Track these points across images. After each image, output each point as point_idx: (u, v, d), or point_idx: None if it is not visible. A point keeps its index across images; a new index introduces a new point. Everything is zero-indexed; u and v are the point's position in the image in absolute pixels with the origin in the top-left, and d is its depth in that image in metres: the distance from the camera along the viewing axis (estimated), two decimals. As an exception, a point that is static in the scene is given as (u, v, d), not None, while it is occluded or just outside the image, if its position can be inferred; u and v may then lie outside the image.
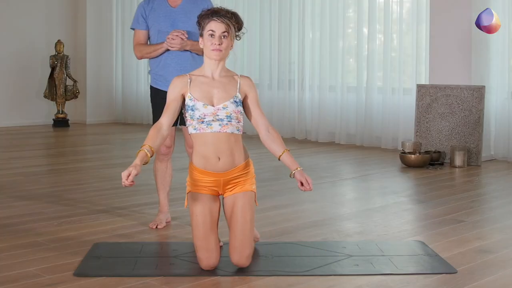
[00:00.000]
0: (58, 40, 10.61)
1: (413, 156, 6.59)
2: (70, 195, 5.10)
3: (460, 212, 4.52)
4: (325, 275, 3.15)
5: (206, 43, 3.19)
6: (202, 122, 3.17)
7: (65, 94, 10.62)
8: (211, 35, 3.16)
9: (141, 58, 4.20)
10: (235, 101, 3.20)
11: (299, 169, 3.21)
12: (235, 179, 3.23)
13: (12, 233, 3.91)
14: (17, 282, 3.02)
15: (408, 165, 6.57)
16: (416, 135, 7.10)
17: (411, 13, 7.77)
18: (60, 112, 10.69)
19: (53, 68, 10.54)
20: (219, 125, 3.16)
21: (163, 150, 4.11)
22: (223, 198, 3.29)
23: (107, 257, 3.43)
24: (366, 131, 8.15)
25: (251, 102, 3.29)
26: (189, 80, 3.23)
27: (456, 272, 3.18)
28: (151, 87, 4.19)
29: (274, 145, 3.27)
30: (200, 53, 4.11)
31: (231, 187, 3.24)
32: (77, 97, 10.76)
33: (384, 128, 7.97)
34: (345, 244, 3.67)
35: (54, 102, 10.68)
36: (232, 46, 3.23)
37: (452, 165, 6.60)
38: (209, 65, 3.24)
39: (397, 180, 5.94)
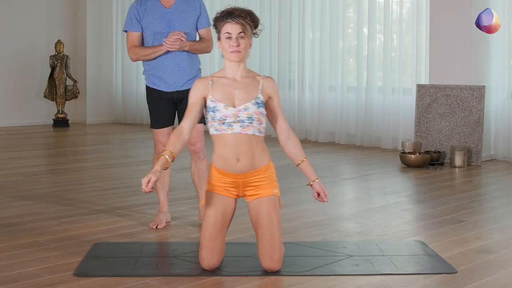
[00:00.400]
0: (58, 40, 10.61)
1: (413, 156, 6.59)
2: (70, 195, 5.10)
3: (460, 212, 4.52)
4: (325, 275, 3.15)
5: (224, 46, 3.16)
6: (223, 123, 3.15)
7: (65, 94, 10.62)
8: (228, 37, 3.14)
9: (136, 60, 4.13)
10: (256, 102, 3.17)
11: (317, 180, 3.25)
12: (255, 182, 3.20)
13: (12, 233, 3.92)
14: (17, 282, 3.02)
15: (408, 165, 6.57)
16: (416, 135, 7.10)
17: (411, 13, 7.77)
18: (60, 112, 10.69)
19: (53, 68, 10.54)
20: (240, 126, 3.14)
21: (161, 150, 4.09)
22: (247, 203, 3.26)
23: (107, 257, 3.43)
24: (366, 131, 8.15)
25: (273, 105, 3.26)
26: (210, 83, 3.21)
27: (456, 272, 3.18)
28: (148, 88, 4.15)
29: (294, 151, 3.27)
30: (197, 52, 4.11)
31: (251, 190, 3.21)
32: (77, 97, 10.77)
33: (384, 128, 7.97)
34: (345, 244, 3.67)
35: (54, 102, 10.68)
36: (250, 45, 3.20)
37: (452, 165, 6.60)
38: (230, 67, 3.21)
39: (397, 180, 5.95)
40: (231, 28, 3.14)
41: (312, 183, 3.26)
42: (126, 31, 4.10)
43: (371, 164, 6.76)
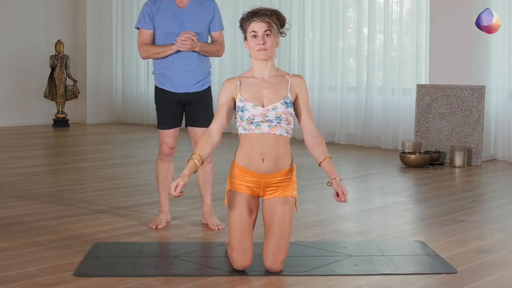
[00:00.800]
0: (58, 40, 10.61)
1: (413, 156, 6.59)
2: (70, 195, 5.10)
3: (460, 212, 4.52)
4: (325, 275, 3.15)
5: (251, 45, 3.16)
6: (251, 123, 3.15)
7: (65, 94, 10.62)
8: (254, 36, 3.14)
9: (146, 58, 4.11)
10: (285, 102, 3.17)
11: (337, 178, 3.17)
12: (277, 183, 3.19)
13: (12, 233, 3.92)
14: (17, 282, 3.02)
15: (408, 165, 6.57)
16: (416, 135, 7.10)
17: (411, 13, 7.77)
18: (60, 112, 10.68)
19: (53, 68, 10.54)
20: (268, 126, 3.13)
21: (166, 151, 4.10)
22: (262, 200, 3.26)
23: (107, 257, 3.43)
24: (366, 131, 8.15)
25: (301, 103, 3.24)
26: (239, 83, 3.20)
27: (456, 272, 3.18)
28: (157, 88, 4.13)
29: (317, 150, 3.23)
30: (208, 55, 4.07)
31: (271, 191, 3.21)
32: (77, 97, 10.77)
33: (384, 128, 7.97)
34: (345, 244, 3.67)
35: (54, 102, 10.68)
36: (278, 44, 3.18)
37: (452, 165, 6.60)
38: (258, 66, 3.20)
39: (397, 180, 5.95)
40: (257, 26, 3.14)
41: (332, 181, 3.18)
42: (138, 28, 4.06)
43: (371, 164, 6.76)
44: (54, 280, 3.06)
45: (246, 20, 3.18)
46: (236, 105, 3.19)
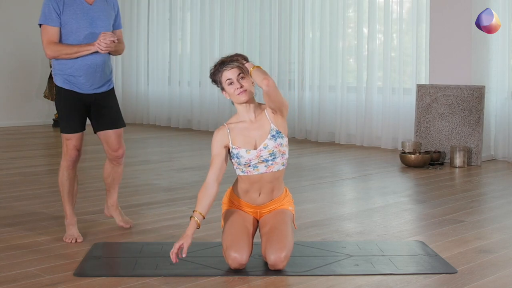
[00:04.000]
0: (58, 40, 10.60)
1: (413, 156, 6.59)
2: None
3: (460, 212, 4.52)
4: (325, 275, 3.15)
5: (230, 92, 3.22)
6: (249, 166, 3.24)
7: (65, 94, 10.62)
8: (230, 83, 3.21)
9: (53, 58, 3.77)
10: (272, 135, 3.24)
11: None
12: (273, 207, 3.36)
13: (12, 233, 3.92)
14: (17, 282, 3.02)
15: (408, 165, 6.57)
16: (416, 135, 7.10)
17: (411, 13, 7.77)
18: (60, 112, 10.68)
19: (53, 68, 10.54)
20: (265, 166, 3.25)
21: (74, 155, 3.90)
22: (259, 221, 3.39)
23: (107, 257, 3.43)
24: (366, 131, 8.15)
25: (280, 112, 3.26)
26: (228, 131, 3.27)
27: (456, 272, 3.18)
28: (63, 89, 3.81)
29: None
30: (115, 54, 3.91)
31: (267, 213, 3.37)
32: (77, 97, 10.76)
33: (384, 128, 7.97)
34: (345, 244, 3.67)
35: (54, 102, 10.68)
36: (253, 82, 3.23)
37: (452, 165, 6.59)
38: (243, 111, 3.27)
39: (397, 180, 5.95)
40: (230, 73, 3.21)
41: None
42: (40, 25, 3.78)
43: (371, 164, 6.76)
44: (54, 280, 3.06)
45: (216, 73, 3.26)
46: (231, 152, 3.27)
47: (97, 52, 3.73)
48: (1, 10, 10.45)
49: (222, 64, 3.24)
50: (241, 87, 3.19)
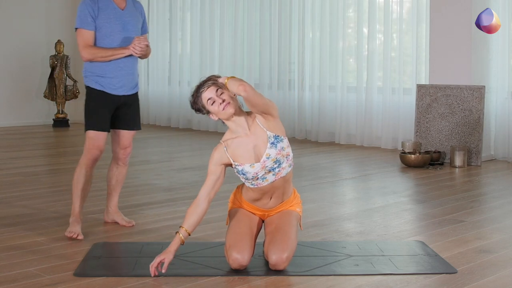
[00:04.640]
0: (58, 40, 10.61)
1: (413, 156, 6.59)
2: (70, 195, 5.09)
3: (460, 212, 4.52)
4: (325, 275, 3.15)
5: (215, 110, 3.18)
6: (257, 178, 3.23)
7: (65, 94, 10.62)
8: (212, 102, 3.17)
9: (89, 61, 3.90)
10: (272, 143, 3.21)
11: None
12: (281, 208, 3.36)
13: (12, 233, 3.92)
14: (17, 282, 3.02)
15: (408, 165, 6.57)
16: (416, 135, 7.10)
17: (411, 13, 7.77)
18: (60, 112, 10.69)
19: (53, 68, 10.54)
20: (273, 175, 3.22)
21: (96, 155, 3.96)
22: (264, 221, 3.40)
23: (107, 257, 3.43)
24: (366, 131, 8.15)
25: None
26: (225, 149, 3.24)
27: (456, 272, 3.18)
28: (93, 89, 3.93)
29: None
30: (144, 58, 4.02)
31: (275, 213, 3.37)
32: (77, 97, 10.75)
33: (384, 128, 7.97)
34: (345, 244, 3.67)
35: (54, 102, 10.69)
36: (234, 94, 3.19)
37: (452, 165, 6.59)
38: (235, 126, 3.23)
39: (397, 180, 5.95)
40: (208, 93, 3.18)
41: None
42: (76, 29, 3.88)
43: (371, 164, 6.76)
44: (54, 280, 3.06)
45: (196, 99, 3.22)
46: (235, 169, 3.25)
47: (129, 55, 3.88)
48: (1, 10, 10.45)
49: (198, 88, 3.22)
50: (223, 101, 3.15)
